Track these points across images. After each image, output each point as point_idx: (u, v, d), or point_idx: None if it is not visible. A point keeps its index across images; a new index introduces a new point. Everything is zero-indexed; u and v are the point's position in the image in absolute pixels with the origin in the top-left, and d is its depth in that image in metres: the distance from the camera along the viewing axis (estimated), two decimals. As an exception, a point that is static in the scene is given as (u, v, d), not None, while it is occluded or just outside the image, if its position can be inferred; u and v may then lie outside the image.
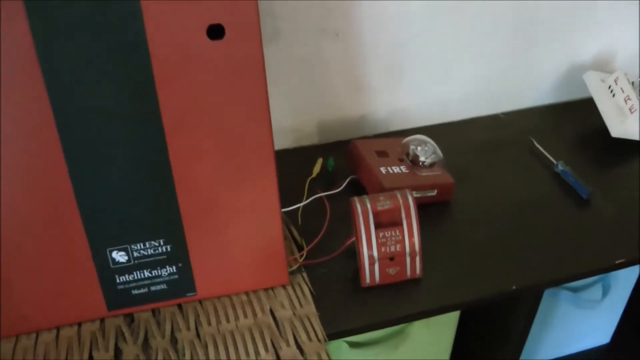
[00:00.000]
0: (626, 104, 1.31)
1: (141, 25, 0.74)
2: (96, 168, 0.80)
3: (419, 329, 1.09)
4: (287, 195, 0.90)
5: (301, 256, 0.99)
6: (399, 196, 0.93)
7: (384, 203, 0.92)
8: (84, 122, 0.78)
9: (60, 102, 0.76)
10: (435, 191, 1.09)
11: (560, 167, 1.21)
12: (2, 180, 0.78)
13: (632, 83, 1.32)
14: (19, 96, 0.75)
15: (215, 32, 0.76)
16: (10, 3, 0.70)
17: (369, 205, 0.92)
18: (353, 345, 1.06)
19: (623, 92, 1.32)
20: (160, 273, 0.89)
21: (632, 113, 1.28)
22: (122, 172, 0.81)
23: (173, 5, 0.74)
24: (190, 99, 0.79)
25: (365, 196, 0.93)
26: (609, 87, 1.35)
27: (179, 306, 0.92)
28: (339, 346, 1.05)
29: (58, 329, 0.89)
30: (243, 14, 0.76)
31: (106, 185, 0.82)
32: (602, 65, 1.48)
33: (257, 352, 0.85)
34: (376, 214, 0.92)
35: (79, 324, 0.89)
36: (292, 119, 1.29)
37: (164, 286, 0.90)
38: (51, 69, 0.74)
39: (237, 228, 0.88)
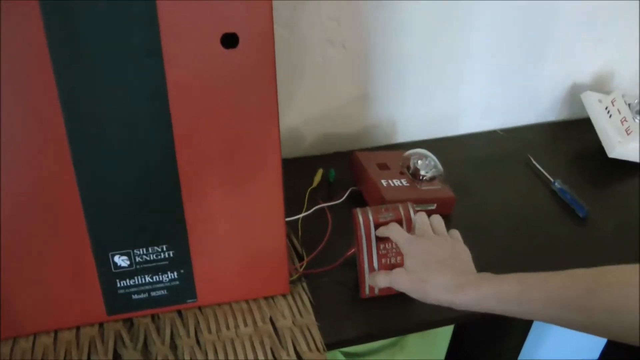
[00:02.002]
0: (622, 125, 1.32)
1: (157, 33, 0.74)
2: (103, 172, 0.80)
3: (414, 339, 1.10)
4: (288, 204, 0.90)
5: (301, 266, 0.99)
6: (400, 209, 0.93)
7: (386, 215, 0.92)
8: (94, 126, 0.78)
9: (71, 105, 0.76)
10: (435, 205, 1.09)
11: (558, 185, 1.22)
12: (8, 181, 0.78)
13: (629, 105, 1.33)
14: (29, 98, 0.75)
15: (230, 40, 0.76)
16: (26, 4, 0.70)
17: (371, 217, 0.92)
18: (349, 355, 1.06)
19: (620, 113, 1.34)
20: (161, 279, 0.88)
21: (628, 134, 1.30)
22: (130, 178, 0.81)
23: (189, 13, 0.74)
24: (201, 107, 0.80)
25: (367, 208, 0.94)
26: (606, 108, 1.37)
27: (179, 312, 0.92)
28: (335, 356, 1.05)
29: (56, 332, 0.88)
30: (258, 23, 0.76)
31: (112, 190, 0.82)
32: (602, 85, 1.50)
33: (257, 361, 0.85)
34: (378, 226, 0.92)
35: (78, 328, 0.89)
36: (294, 129, 1.30)
37: (164, 292, 0.89)
38: (63, 73, 0.74)
39: (240, 235, 0.88)
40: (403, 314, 0.94)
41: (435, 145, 1.33)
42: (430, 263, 0.82)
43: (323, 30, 1.19)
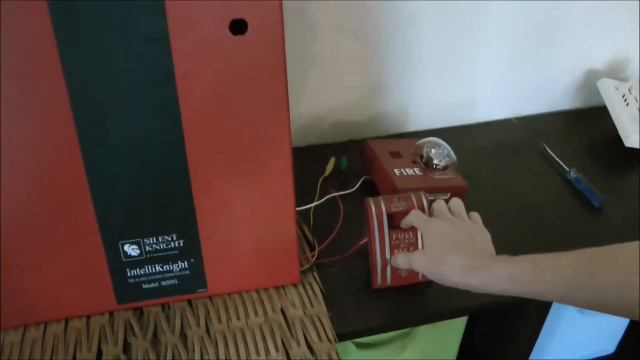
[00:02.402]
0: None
1: (163, 18, 0.73)
2: (112, 161, 0.80)
3: (426, 330, 1.09)
4: (300, 193, 0.90)
5: (313, 255, 0.98)
6: (413, 198, 0.92)
7: (398, 205, 0.91)
8: (102, 114, 0.77)
9: (78, 93, 0.75)
10: (449, 194, 1.08)
11: (573, 174, 1.21)
12: (18, 170, 0.78)
13: (647, 92, 1.31)
14: (37, 87, 0.74)
15: (238, 27, 0.75)
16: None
17: (383, 207, 0.91)
18: (360, 346, 1.06)
19: (637, 101, 1.32)
20: (171, 268, 0.88)
21: (645, 122, 1.28)
22: (138, 166, 0.81)
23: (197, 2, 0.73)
24: (210, 93, 0.79)
25: (379, 197, 0.92)
26: (623, 95, 1.34)
27: (189, 302, 0.91)
28: (346, 346, 1.04)
29: (67, 320, 0.88)
30: (266, 9, 0.75)
31: (121, 179, 0.81)
32: (617, 72, 1.48)
33: (267, 351, 0.85)
34: (390, 216, 0.91)
35: (88, 317, 0.89)
36: (306, 117, 1.29)
37: (174, 281, 0.89)
38: (70, 60, 0.73)
39: (250, 224, 0.88)
40: (415, 305, 0.93)
41: (449, 133, 1.32)
42: (446, 244, 0.82)
43: (334, 18, 1.18)
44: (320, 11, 1.16)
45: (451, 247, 0.82)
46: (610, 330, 1.45)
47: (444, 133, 1.29)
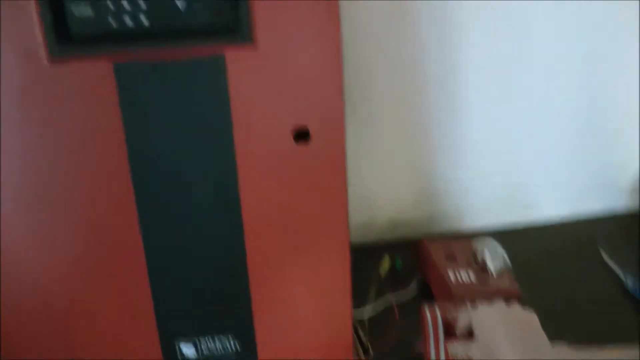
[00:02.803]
0: (699, 217, 1.28)
1: (229, 120, 0.76)
2: (172, 257, 0.82)
3: None
4: (354, 294, 0.90)
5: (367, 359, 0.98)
6: (469, 307, 0.91)
7: (454, 313, 0.91)
8: (164, 209, 0.79)
9: (143, 190, 0.78)
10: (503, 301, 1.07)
11: (630, 281, 1.18)
12: (81, 260, 0.80)
13: None
14: (101, 167, 0.76)
15: (301, 136, 0.78)
16: (106, 84, 0.72)
17: (439, 315, 0.91)
18: None
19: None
20: (227, 371, 0.88)
21: None
22: (198, 263, 0.83)
23: (262, 107, 0.76)
24: (271, 195, 0.81)
25: (435, 304, 0.92)
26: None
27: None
28: None
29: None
30: (330, 119, 0.78)
31: (181, 275, 0.83)
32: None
33: None
34: (446, 324, 0.91)
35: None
36: (360, 215, 1.30)
37: (230, 383, 0.89)
38: (136, 152, 0.76)
39: (307, 327, 0.88)
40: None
41: (504, 236, 1.30)
42: (496, 328, 0.82)
43: (385, 112, 1.20)
44: (375, 107, 1.19)
45: (502, 333, 0.81)
46: None
47: (499, 235, 1.28)
